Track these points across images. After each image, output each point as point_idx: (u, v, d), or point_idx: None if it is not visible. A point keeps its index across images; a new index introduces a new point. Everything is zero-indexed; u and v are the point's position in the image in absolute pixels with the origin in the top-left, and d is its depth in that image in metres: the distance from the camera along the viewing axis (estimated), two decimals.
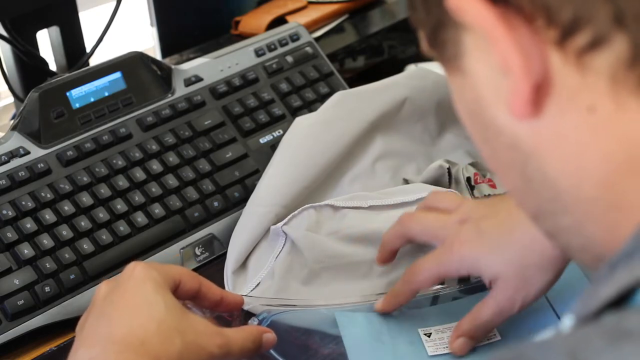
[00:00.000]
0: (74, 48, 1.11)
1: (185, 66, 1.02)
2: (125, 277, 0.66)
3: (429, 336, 0.76)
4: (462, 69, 0.45)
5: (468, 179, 0.91)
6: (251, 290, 0.83)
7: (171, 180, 0.92)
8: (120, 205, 0.89)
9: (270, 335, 0.69)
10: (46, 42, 1.10)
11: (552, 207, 0.45)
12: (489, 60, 0.43)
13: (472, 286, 0.79)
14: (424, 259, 0.75)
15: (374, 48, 1.22)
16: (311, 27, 1.16)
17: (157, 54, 1.21)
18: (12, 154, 0.88)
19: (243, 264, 0.87)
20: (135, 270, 0.65)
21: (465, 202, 0.78)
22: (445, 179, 0.91)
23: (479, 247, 0.72)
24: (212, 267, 0.90)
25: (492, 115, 0.45)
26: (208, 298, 0.70)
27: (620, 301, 0.38)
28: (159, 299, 0.64)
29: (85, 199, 0.88)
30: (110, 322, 0.63)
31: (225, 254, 0.89)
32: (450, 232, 0.74)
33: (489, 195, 0.90)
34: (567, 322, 0.40)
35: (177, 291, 0.67)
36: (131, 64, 0.97)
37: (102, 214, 0.87)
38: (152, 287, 0.64)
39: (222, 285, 0.85)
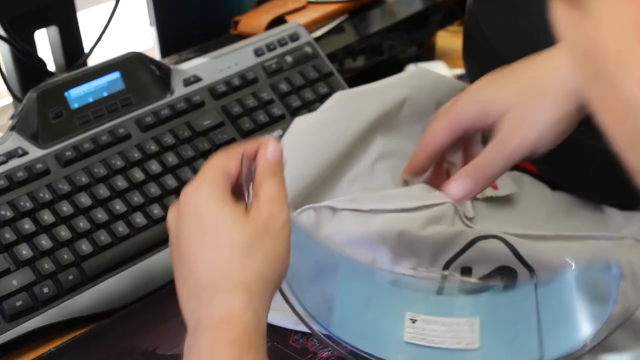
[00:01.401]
0: (72, 48, 1.11)
1: (185, 66, 1.02)
2: (184, 212, 0.64)
3: (413, 322, 0.75)
4: (584, 6, 0.38)
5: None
6: None
7: (170, 181, 0.92)
8: (119, 206, 0.88)
9: (271, 149, 0.67)
10: (44, 41, 1.10)
11: None
12: (622, 11, 0.36)
13: (479, 286, 0.78)
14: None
15: (373, 48, 1.22)
16: (311, 27, 1.16)
17: (156, 54, 1.21)
18: (11, 155, 0.88)
19: None
20: (188, 200, 0.64)
21: None
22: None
23: (490, 86, 0.71)
24: None
25: (611, 71, 0.38)
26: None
27: None
28: (219, 223, 0.62)
29: (84, 199, 0.87)
30: (190, 267, 0.62)
31: None
32: None
33: (491, 196, 0.90)
34: None
35: (232, 181, 0.65)
36: (130, 64, 0.97)
37: (100, 215, 0.87)
38: (210, 213, 0.63)
39: None
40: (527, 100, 0.70)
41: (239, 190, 0.66)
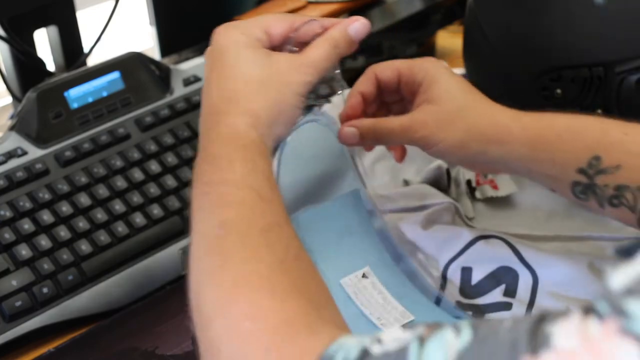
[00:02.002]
0: (72, 48, 1.11)
1: (184, 66, 1.02)
2: (214, 47, 0.68)
3: (363, 276, 0.75)
4: None
5: (469, 182, 0.91)
6: None
7: (170, 181, 0.92)
8: (118, 206, 0.88)
9: (357, 25, 0.70)
10: (44, 41, 1.10)
11: None
12: None
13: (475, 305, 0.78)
14: None
15: (373, 48, 1.22)
16: None
17: (155, 54, 1.21)
18: (10, 155, 0.88)
19: None
20: (218, 38, 0.68)
21: None
22: (444, 179, 0.91)
23: (444, 75, 0.74)
24: None
25: None
26: (306, 31, 0.71)
27: None
28: (240, 59, 0.66)
29: (84, 199, 0.87)
30: (207, 93, 0.67)
31: None
32: None
33: (492, 196, 0.90)
34: None
35: (271, 39, 0.69)
36: (130, 64, 0.97)
37: (100, 215, 0.87)
38: (234, 50, 0.66)
39: None
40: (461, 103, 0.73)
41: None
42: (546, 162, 0.71)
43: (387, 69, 0.77)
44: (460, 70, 1.20)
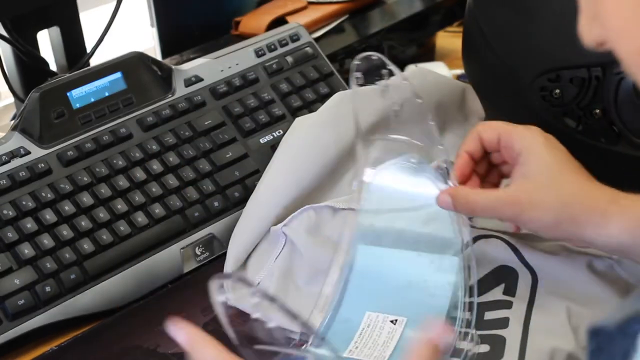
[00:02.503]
0: (74, 48, 1.11)
1: (186, 66, 1.02)
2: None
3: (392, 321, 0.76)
4: None
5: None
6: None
7: (171, 180, 0.92)
8: (120, 205, 0.89)
9: None
10: (47, 42, 1.10)
11: None
12: None
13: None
14: None
15: (373, 48, 1.22)
16: (311, 27, 1.17)
17: (157, 55, 1.21)
18: (13, 154, 0.89)
19: (243, 264, 0.87)
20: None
21: None
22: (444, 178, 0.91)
23: (541, 144, 0.73)
24: (212, 267, 0.90)
25: None
26: None
27: None
28: None
29: (86, 198, 0.88)
30: None
31: (225, 254, 0.89)
32: None
33: None
34: None
35: None
36: (131, 64, 0.97)
37: (102, 214, 0.88)
38: None
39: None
40: (552, 180, 0.72)
41: None
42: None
43: (488, 129, 0.76)
44: (460, 71, 1.21)
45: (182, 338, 0.60)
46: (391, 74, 0.81)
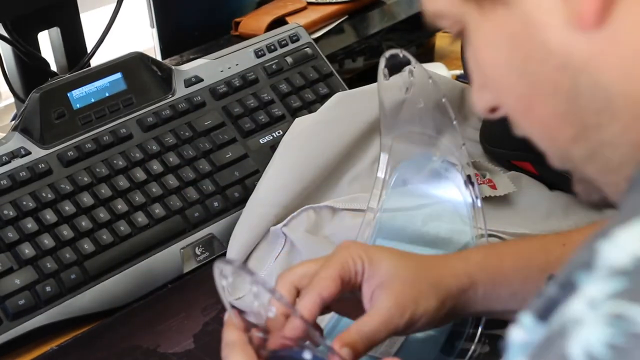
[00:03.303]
0: (74, 49, 1.11)
1: (186, 67, 1.02)
2: None
3: None
4: (507, 0, 0.47)
5: (468, 177, 0.91)
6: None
7: (171, 181, 0.92)
8: (120, 205, 0.89)
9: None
10: (47, 43, 1.11)
11: (597, 120, 0.47)
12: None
13: None
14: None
15: (373, 49, 1.22)
16: (311, 28, 1.17)
17: (157, 55, 1.21)
18: (13, 155, 0.89)
19: (243, 264, 0.87)
20: None
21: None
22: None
23: (384, 251, 0.70)
24: (212, 267, 0.90)
25: (543, 40, 0.47)
26: None
27: None
28: None
29: (86, 199, 0.88)
30: None
31: (225, 254, 0.89)
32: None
33: (490, 196, 0.90)
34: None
35: None
36: (132, 65, 0.97)
37: (102, 214, 0.88)
38: None
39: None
40: (413, 280, 0.68)
41: None
42: (507, 298, 0.70)
43: (328, 286, 0.67)
44: (458, 72, 1.21)
45: (227, 336, 0.62)
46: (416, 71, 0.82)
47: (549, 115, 0.49)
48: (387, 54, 0.82)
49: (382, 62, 0.82)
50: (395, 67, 0.83)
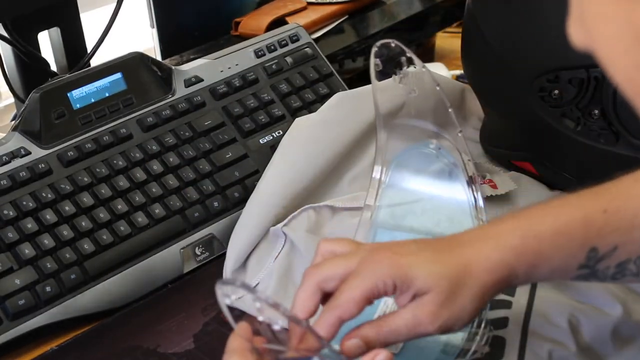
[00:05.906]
0: (75, 49, 1.11)
1: (186, 67, 1.02)
2: None
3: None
4: None
5: (471, 178, 0.91)
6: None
7: (171, 181, 0.93)
8: (120, 205, 0.89)
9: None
10: (47, 43, 1.11)
11: None
12: None
13: None
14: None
15: None
16: (311, 28, 1.17)
17: (157, 55, 1.21)
18: (13, 155, 0.89)
19: (242, 264, 0.87)
20: None
21: (364, 244, 0.72)
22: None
23: (413, 257, 0.66)
24: (212, 267, 0.90)
25: None
26: None
27: None
28: None
29: (86, 199, 0.88)
30: None
31: (225, 254, 0.89)
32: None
33: (491, 195, 0.90)
34: None
35: None
36: (132, 65, 0.97)
37: (102, 214, 0.88)
38: None
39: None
40: (451, 287, 0.66)
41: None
42: (546, 274, 0.68)
43: (350, 310, 0.65)
44: (458, 72, 1.21)
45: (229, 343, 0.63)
46: (410, 61, 0.81)
47: None
48: (379, 43, 0.81)
49: (373, 54, 0.81)
50: (389, 58, 0.83)
